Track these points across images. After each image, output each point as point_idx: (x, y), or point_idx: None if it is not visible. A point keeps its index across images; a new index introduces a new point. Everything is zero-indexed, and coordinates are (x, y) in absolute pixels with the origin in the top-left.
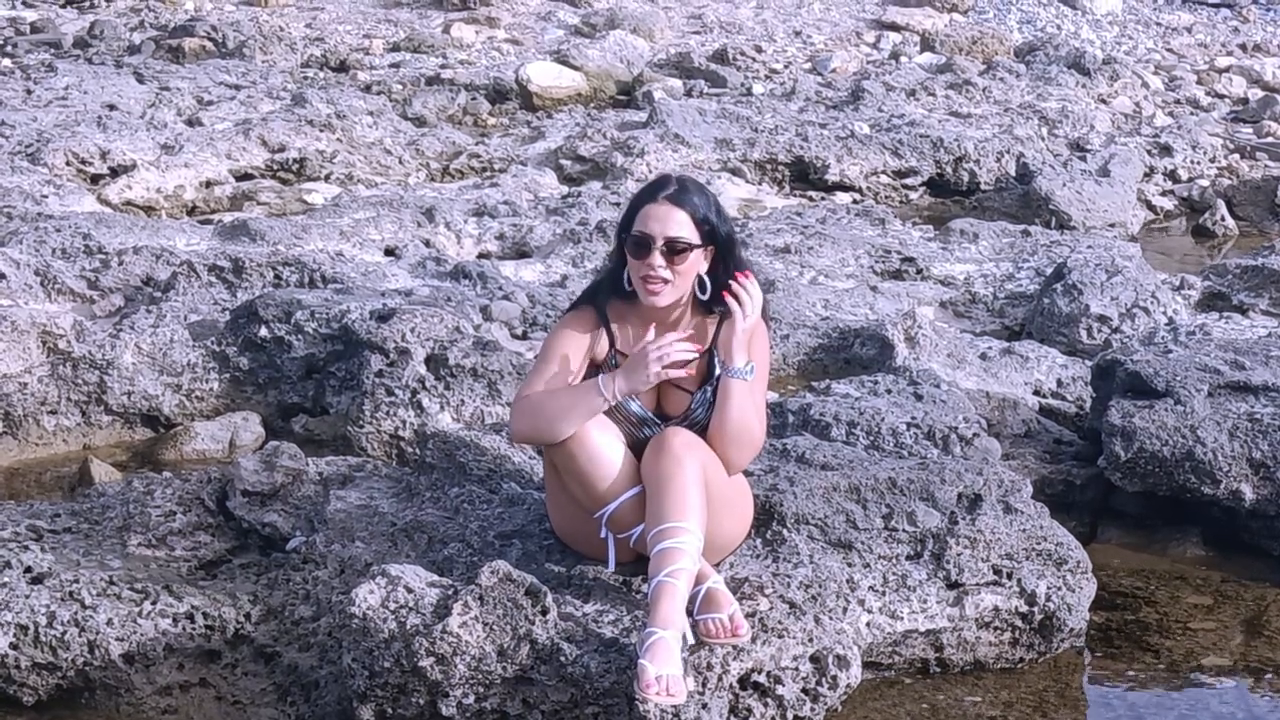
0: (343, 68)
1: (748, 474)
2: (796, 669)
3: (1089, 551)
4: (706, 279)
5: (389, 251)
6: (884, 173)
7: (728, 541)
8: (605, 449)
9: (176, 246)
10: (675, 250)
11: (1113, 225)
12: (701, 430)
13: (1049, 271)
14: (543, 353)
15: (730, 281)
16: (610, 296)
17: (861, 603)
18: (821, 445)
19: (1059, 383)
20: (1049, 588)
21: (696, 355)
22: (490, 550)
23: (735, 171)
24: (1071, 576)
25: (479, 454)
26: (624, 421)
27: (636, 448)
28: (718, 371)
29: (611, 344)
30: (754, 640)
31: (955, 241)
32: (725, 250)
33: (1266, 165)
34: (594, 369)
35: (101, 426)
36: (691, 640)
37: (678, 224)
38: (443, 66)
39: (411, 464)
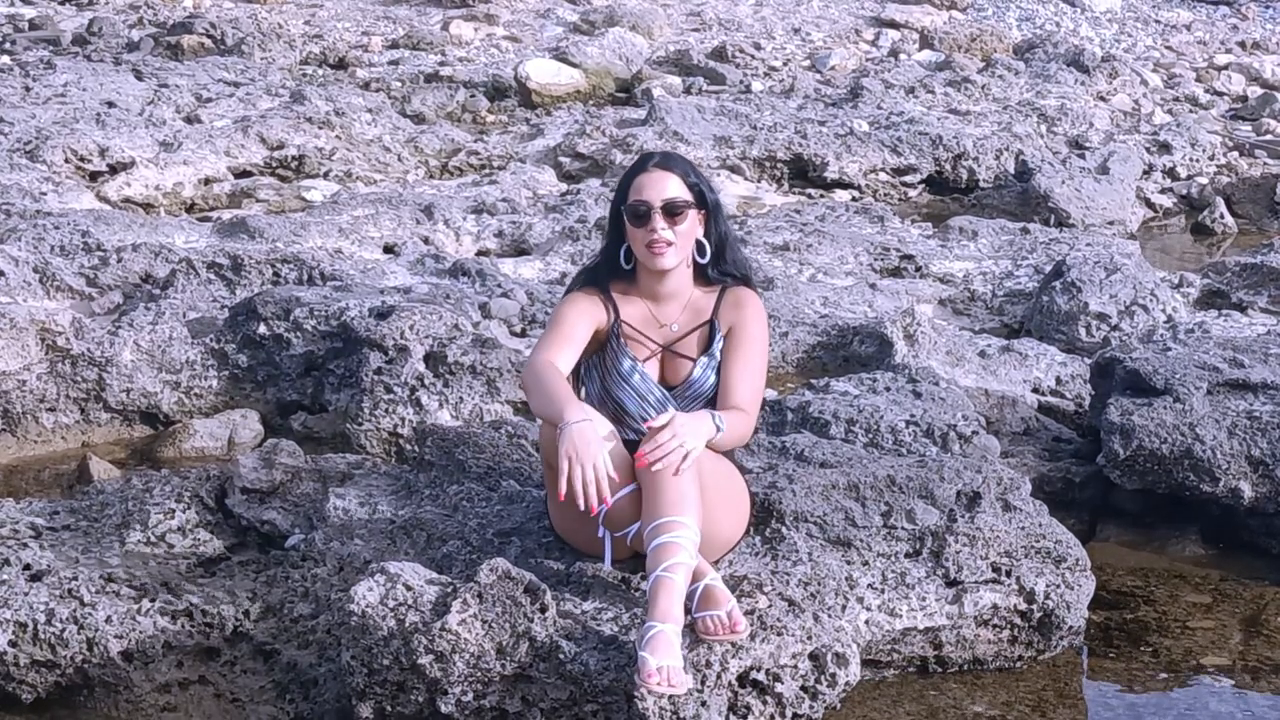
0: (341, 65)
1: (746, 472)
2: (795, 667)
3: (1088, 549)
4: (705, 242)
5: (388, 249)
6: (883, 170)
7: (727, 539)
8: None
9: (175, 244)
10: (674, 211)
11: (1112, 223)
12: (701, 399)
13: (1048, 269)
14: (554, 319)
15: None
16: (610, 278)
17: (860, 600)
18: (820, 443)
19: (1058, 380)
20: (1048, 585)
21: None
22: (489, 548)
23: (734, 169)
24: (1070, 574)
25: (478, 451)
26: (619, 418)
27: (631, 446)
28: (718, 340)
29: (616, 315)
30: (753, 638)
31: (954, 239)
32: (714, 214)
33: (1265, 163)
34: (596, 341)
35: (100, 424)
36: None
37: (671, 186)
38: (441, 64)
39: (410, 461)
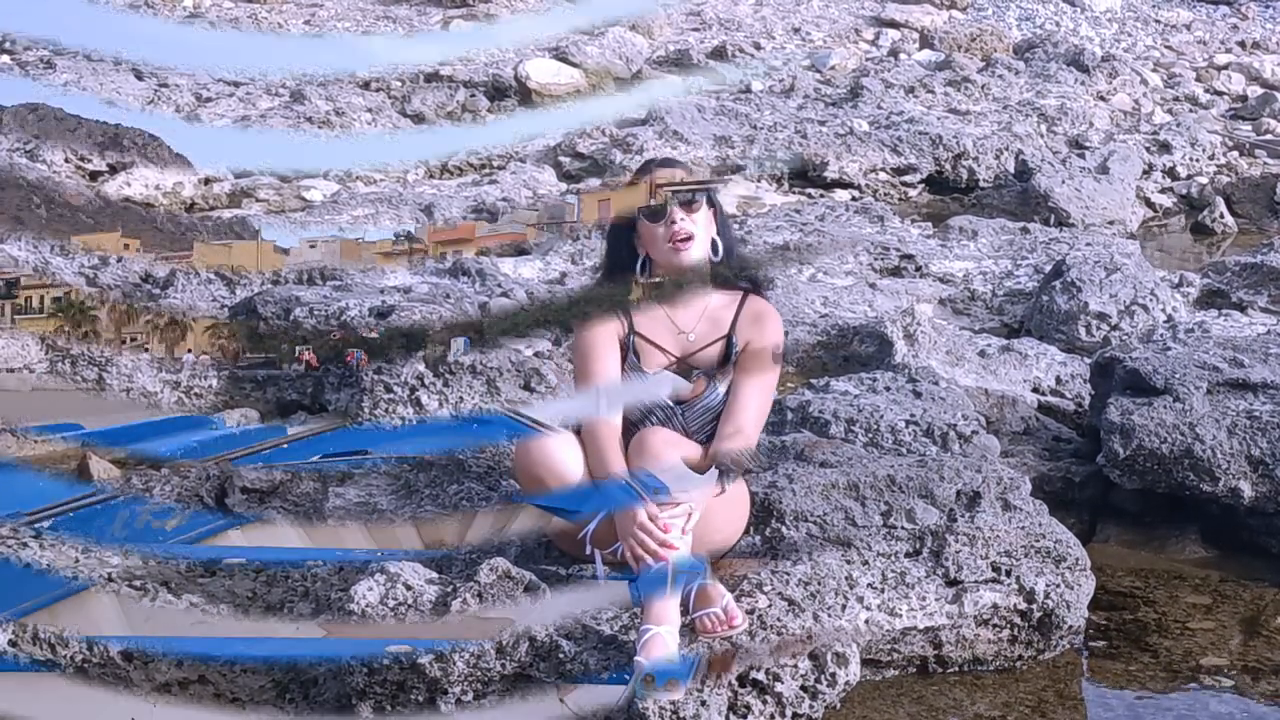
0: None
1: (745, 471)
2: (795, 666)
3: (1088, 549)
4: (718, 240)
5: None
6: (883, 170)
7: (724, 540)
8: (574, 473)
9: None
10: (690, 201)
11: (1111, 222)
12: (711, 413)
13: (1048, 269)
14: (580, 359)
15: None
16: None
17: (860, 600)
18: (820, 442)
19: (1058, 380)
20: (1048, 585)
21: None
22: (489, 547)
23: (734, 169)
24: (1070, 574)
25: (478, 451)
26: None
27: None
28: (734, 357)
29: (630, 327)
30: (753, 638)
31: (954, 239)
32: (720, 214)
33: (1265, 162)
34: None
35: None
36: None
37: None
38: (441, 63)
39: (410, 461)
